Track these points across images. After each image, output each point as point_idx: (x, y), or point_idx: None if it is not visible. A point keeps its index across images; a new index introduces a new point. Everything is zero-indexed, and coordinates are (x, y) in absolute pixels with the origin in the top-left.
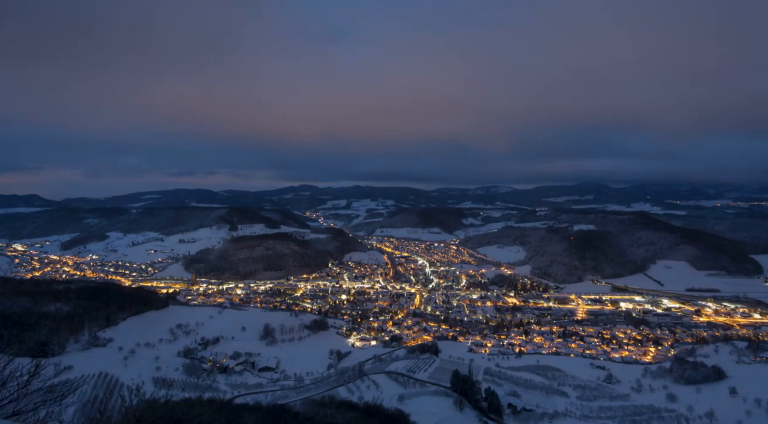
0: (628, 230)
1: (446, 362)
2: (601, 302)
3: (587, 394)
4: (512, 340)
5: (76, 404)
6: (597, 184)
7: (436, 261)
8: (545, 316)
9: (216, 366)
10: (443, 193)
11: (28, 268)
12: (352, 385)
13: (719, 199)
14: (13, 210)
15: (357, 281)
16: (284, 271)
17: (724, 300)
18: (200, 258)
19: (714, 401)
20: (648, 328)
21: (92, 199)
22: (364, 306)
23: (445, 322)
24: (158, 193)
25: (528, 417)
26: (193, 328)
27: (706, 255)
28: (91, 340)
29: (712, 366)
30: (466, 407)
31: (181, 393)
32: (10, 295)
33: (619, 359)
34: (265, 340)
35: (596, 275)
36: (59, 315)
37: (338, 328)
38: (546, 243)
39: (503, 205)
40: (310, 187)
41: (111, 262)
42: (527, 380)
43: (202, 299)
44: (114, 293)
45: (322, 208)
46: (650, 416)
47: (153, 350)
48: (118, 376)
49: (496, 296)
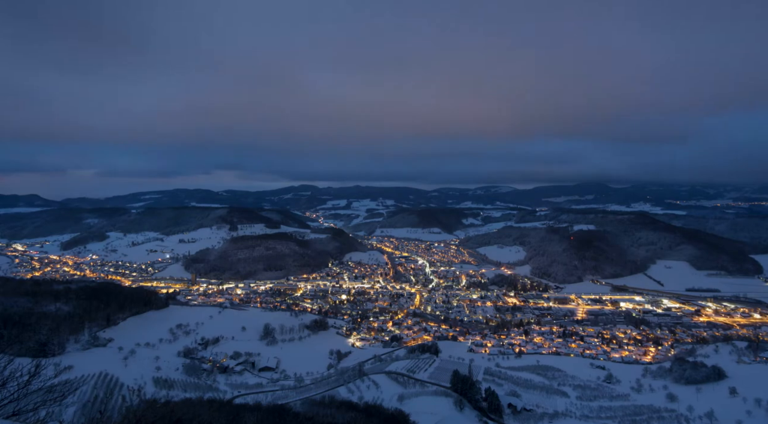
0: (628, 230)
1: (446, 362)
2: (601, 302)
3: (587, 394)
4: (512, 340)
5: (76, 404)
6: (597, 184)
7: (436, 261)
8: (545, 316)
9: (216, 366)
10: (443, 193)
11: (28, 268)
12: (352, 385)
13: (719, 199)
14: (13, 210)
15: (357, 281)
16: (284, 271)
17: (724, 300)
18: (200, 258)
19: (714, 401)
20: (648, 328)
21: (92, 199)
22: (364, 306)
23: (445, 322)
24: (158, 193)
25: (528, 417)
26: (193, 328)
27: (706, 255)
28: (91, 340)
29: (712, 366)
30: (466, 407)
31: (181, 393)
32: (10, 295)
33: (619, 359)
34: (265, 340)
35: (596, 275)
36: (59, 315)
37: (338, 328)
38: (546, 243)
39: (503, 205)
40: (310, 187)
41: (111, 262)
42: (527, 380)
43: (202, 299)
44: (114, 293)
45: (322, 208)
46: (650, 416)
47: (153, 350)
48: (118, 376)
49: (496, 296)
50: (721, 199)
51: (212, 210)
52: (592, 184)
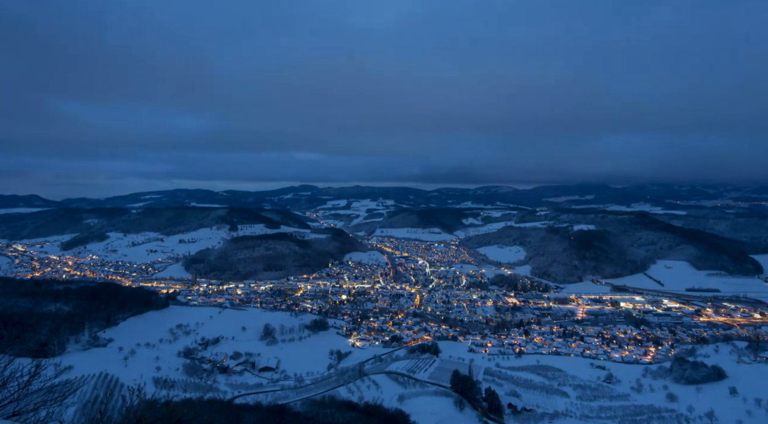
0: (628, 230)
1: (446, 362)
2: (601, 302)
3: (587, 394)
4: (512, 340)
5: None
6: (597, 184)
7: (436, 261)
8: (545, 316)
9: (216, 366)
10: (443, 193)
11: (28, 268)
12: (352, 385)
13: (719, 199)
14: (13, 210)
15: (357, 281)
16: (284, 271)
17: (724, 300)
18: (200, 258)
19: (714, 400)
20: (648, 328)
21: (92, 199)
22: (364, 306)
23: (446, 322)
24: (158, 193)
25: (528, 417)
26: (193, 328)
27: (706, 255)
28: (91, 340)
29: (712, 366)
30: (466, 407)
31: (182, 393)
32: (11, 295)
33: (620, 359)
34: (266, 340)
35: (596, 275)
36: (59, 315)
37: (338, 328)
38: (546, 243)
39: (503, 205)
40: (310, 188)
41: (111, 262)
42: (527, 380)
43: (202, 299)
44: (114, 293)
45: (322, 208)
46: (650, 416)
47: (153, 350)
48: (119, 376)
49: (496, 296)
50: (721, 199)
51: (212, 210)
52: (592, 184)
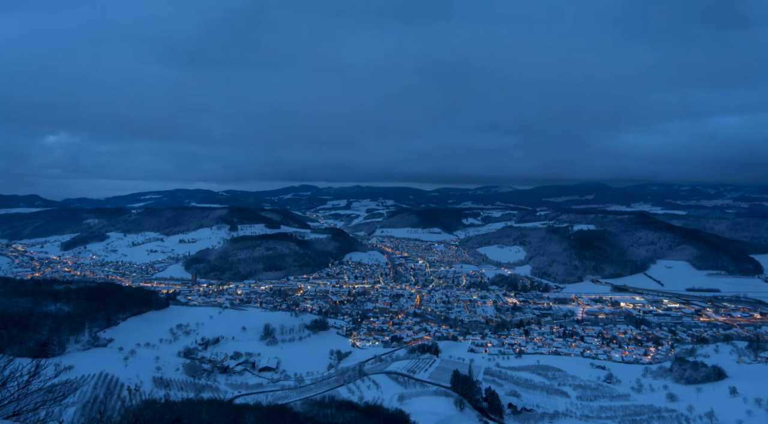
0: (628, 230)
1: (446, 362)
2: (601, 302)
3: (587, 394)
4: (512, 340)
5: (76, 404)
6: (597, 184)
7: (436, 261)
8: (545, 316)
9: (216, 366)
10: (443, 193)
11: (28, 268)
12: (352, 385)
13: (719, 199)
14: (13, 210)
15: (357, 281)
16: (284, 271)
17: (724, 300)
18: (200, 258)
19: (714, 400)
20: (648, 328)
21: (92, 199)
22: (364, 306)
23: (446, 322)
24: (158, 193)
25: (528, 417)
26: (193, 328)
27: (706, 255)
28: (91, 340)
29: (712, 366)
30: (466, 407)
31: (182, 393)
32: (11, 295)
33: (620, 359)
34: (266, 340)
35: (596, 275)
36: (59, 315)
37: (338, 328)
38: (546, 243)
39: (503, 205)
40: (310, 187)
41: (111, 262)
42: (527, 380)
43: (203, 299)
44: (114, 293)
45: (322, 208)
46: (650, 416)
47: (153, 350)
48: (118, 376)
49: (496, 296)
50: (721, 199)
51: (212, 210)
52: (592, 184)
